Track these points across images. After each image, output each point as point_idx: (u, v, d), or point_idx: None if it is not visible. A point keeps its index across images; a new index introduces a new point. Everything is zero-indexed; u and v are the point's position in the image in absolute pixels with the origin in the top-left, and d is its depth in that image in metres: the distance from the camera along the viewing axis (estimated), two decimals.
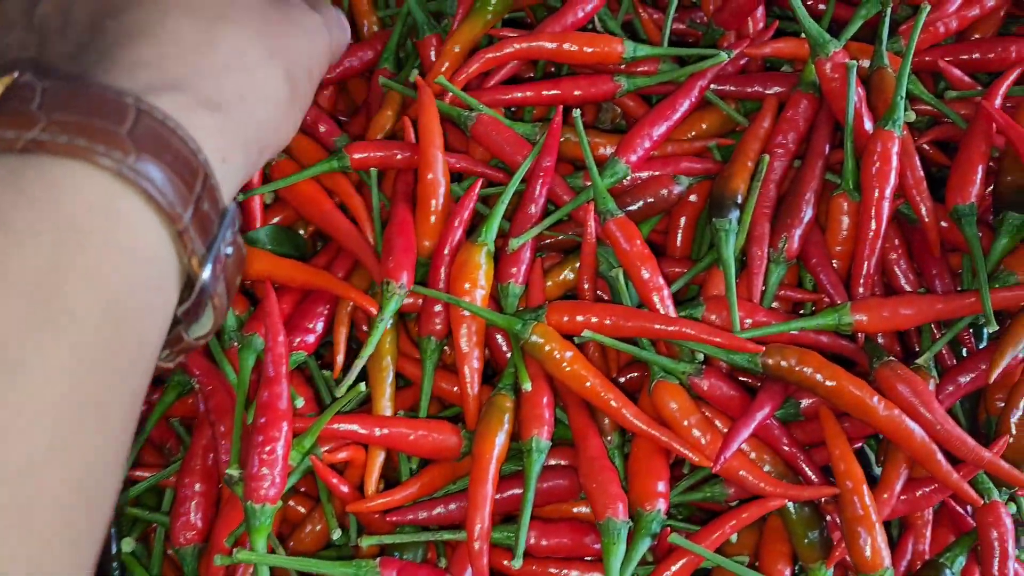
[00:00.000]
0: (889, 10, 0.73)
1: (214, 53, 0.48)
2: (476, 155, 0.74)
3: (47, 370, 0.36)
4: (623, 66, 0.74)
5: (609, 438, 0.67)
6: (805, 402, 0.68)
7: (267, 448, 0.58)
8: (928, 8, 0.71)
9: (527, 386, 0.64)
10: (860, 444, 0.69)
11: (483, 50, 0.73)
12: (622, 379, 0.70)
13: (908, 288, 0.71)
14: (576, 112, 0.70)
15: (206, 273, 0.44)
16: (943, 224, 0.71)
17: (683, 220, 0.75)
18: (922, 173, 0.70)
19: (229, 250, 0.46)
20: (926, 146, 0.75)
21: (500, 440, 0.63)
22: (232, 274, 0.47)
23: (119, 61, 0.45)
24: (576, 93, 0.74)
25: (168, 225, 0.41)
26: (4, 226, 0.36)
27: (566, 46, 0.73)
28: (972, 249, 0.67)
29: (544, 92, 0.73)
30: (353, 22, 0.82)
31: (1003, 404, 0.68)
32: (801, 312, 0.71)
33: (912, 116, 0.71)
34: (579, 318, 0.66)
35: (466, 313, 0.67)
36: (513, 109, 0.78)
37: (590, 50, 0.73)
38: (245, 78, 0.50)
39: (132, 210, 0.40)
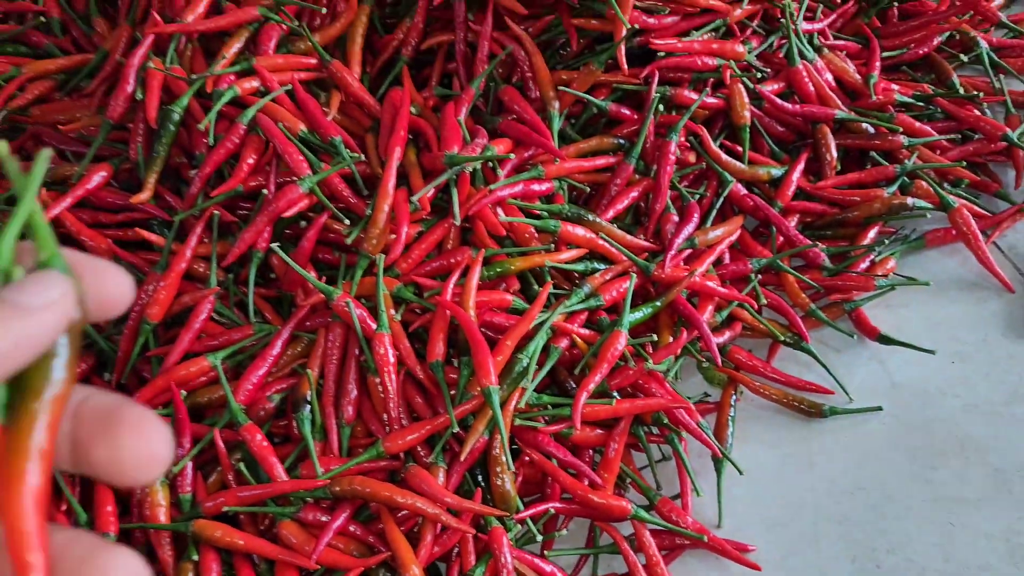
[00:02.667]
0: (378, 261, 1.22)
1: None
2: None
3: None
4: None
5: None
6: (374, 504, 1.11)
7: None
8: (381, 258, 1.20)
9: None
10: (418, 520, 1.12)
11: None
12: None
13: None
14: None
15: None
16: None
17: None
18: (395, 357, 1.17)
19: None
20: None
21: None
22: None
23: None
24: None
25: None
26: None
27: None
28: (441, 388, 1.14)
29: None
30: None
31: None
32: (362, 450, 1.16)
33: (399, 316, 1.20)
34: None
35: None
36: None
37: None
38: None
39: None
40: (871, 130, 1.50)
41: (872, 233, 1.43)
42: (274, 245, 1.20)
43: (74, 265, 0.42)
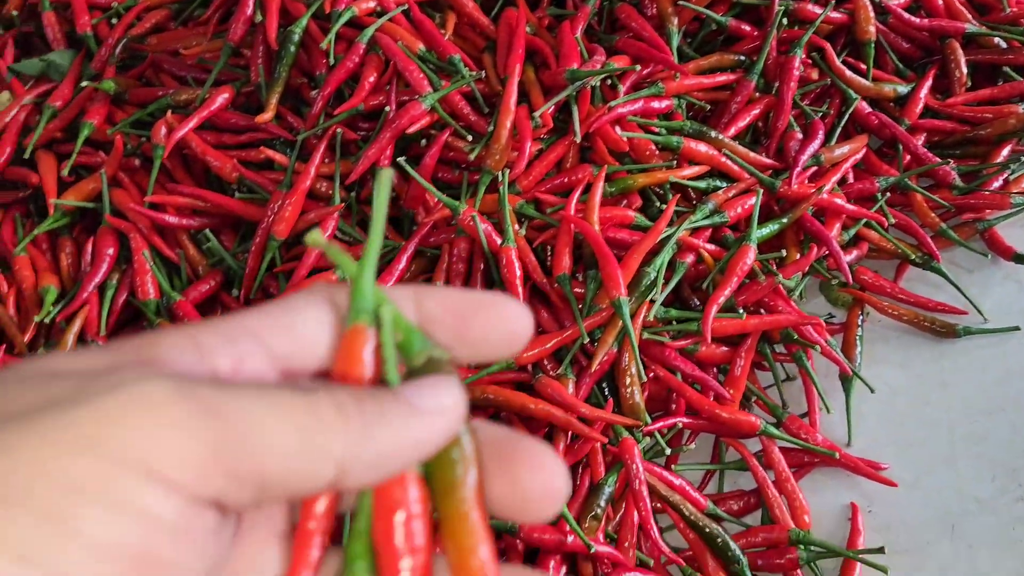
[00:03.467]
0: (502, 176, 1.22)
1: None
2: None
3: None
4: None
5: None
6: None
7: None
8: (504, 174, 1.19)
9: None
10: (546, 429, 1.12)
11: None
12: None
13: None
14: None
15: None
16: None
17: None
18: (521, 271, 1.16)
19: None
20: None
21: None
22: None
23: None
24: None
25: None
26: None
27: None
28: (569, 300, 1.13)
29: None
30: None
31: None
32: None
33: (523, 231, 1.19)
34: None
35: None
36: None
37: None
38: None
39: None
40: (1003, 45, 1.43)
41: (1006, 151, 1.36)
42: (400, 159, 1.20)
43: (465, 305, 0.44)
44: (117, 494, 0.34)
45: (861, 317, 1.27)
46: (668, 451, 1.12)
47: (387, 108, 1.25)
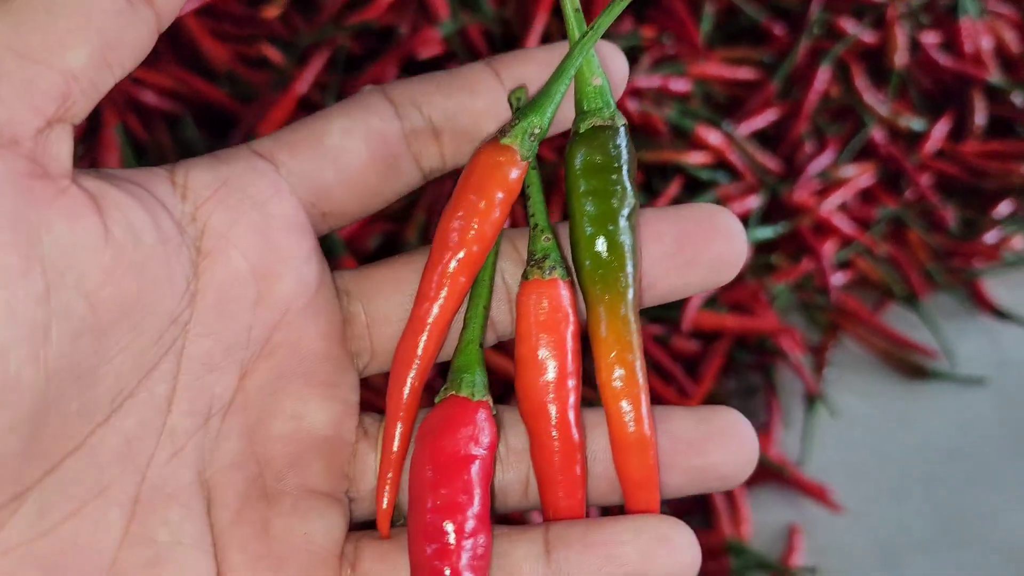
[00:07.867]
0: None
1: None
2: None
3: None
4: None
5: None
6: None
7: None
8: None
9: None
10: None
11: None
12: None
13: None
14: None
15: None
16: None
17: None
18: None
19: None
20: None
21: None
22: None
23: None
24: None
25: None
26: None
27: None
28: None
29: None
30: None
31: None
32: None
33: None
34: None
35: None
36: None
37: None
38: None
39: None
40: (1018, 102, 1.42)
41: (1005, 206, 1.35)
42: None
43: (680, 223, 0.48)
44: None
45: (834, 343, 1.25)
46: None
47: (400, 28, 1.19)
